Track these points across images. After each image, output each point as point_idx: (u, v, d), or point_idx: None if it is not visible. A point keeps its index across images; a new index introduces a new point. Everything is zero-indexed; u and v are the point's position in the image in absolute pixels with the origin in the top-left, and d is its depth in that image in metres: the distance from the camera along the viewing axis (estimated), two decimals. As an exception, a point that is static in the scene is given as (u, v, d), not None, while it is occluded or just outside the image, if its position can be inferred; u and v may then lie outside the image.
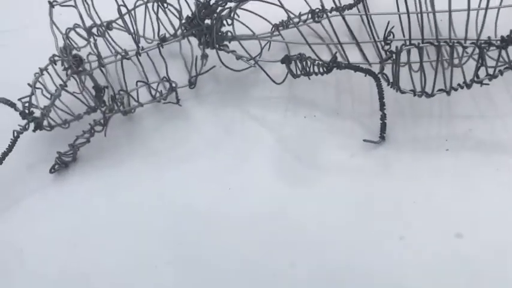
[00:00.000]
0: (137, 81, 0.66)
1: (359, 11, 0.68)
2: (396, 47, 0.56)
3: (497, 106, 0.62)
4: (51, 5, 0.65)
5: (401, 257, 0.55)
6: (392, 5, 0.63)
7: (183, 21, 0.66)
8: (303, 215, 0.59)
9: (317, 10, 0.67)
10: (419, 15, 0.58)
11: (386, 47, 0.57)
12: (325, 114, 0.65)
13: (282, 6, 0.61)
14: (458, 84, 0.57)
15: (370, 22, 0.62)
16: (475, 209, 0.55)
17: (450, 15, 0.54)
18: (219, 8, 0.63)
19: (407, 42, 0.56)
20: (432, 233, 0.55)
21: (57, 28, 0.65)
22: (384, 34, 0.56)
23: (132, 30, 0.67)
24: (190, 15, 0.65)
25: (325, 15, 0.67)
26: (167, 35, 0.70)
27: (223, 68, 0.70)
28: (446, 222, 0.55)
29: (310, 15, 0.67)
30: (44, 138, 0.68)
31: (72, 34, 0.67)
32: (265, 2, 0.66)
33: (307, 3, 0.67)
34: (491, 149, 0.59)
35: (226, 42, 0.66)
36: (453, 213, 0.56)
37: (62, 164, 0.67)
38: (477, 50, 0.54)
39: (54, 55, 0.66)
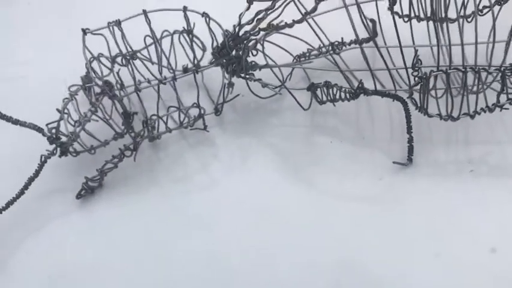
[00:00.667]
0: (169, 107, 0.67)
1: (376, 44, 0.72)
2: (425, 73, 0.60)
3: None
4: (84, 33, 0.66)
5: (438, 274, 0.56)
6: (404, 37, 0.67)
7: (213, 50, 0.68)
8: (336, 237, 0.60)
9: (336, 43, 0.71)
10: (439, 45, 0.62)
11: (415, 73, 0.60)
12: (350, 139, 0.67)
13: (318, 38, 0.64)
14: (482, 109, 0.61)
15: (389, 53, 0.66)
16: (506, 227, 0.58)
17: (476, 46, 0.58)
18: (250, 37, 0.65)
19: (435, 69, 0.60)
20: (467, 248, 0.57)
21: (91, 54, 0.66)
22: (413, 61, 0.60)
23: (157, 60, 0.69)
24: (219, 45, 0.67)
25: (344, 48, 0.71)
26: (190, 65, 0.72)
27: (246, 97, 0.72)
28: (479, 238, 0.58)
29: (330, 47, 0.71)
30: (69, 164, 0.68)
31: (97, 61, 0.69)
32: (289, 35, 0.70)
33: (326, 37, 0.70)
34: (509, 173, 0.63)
35: (252, 71, 0.68)
36: (484, 230, 0.58)
37: (89, 190, 0.66)
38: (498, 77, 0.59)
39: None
